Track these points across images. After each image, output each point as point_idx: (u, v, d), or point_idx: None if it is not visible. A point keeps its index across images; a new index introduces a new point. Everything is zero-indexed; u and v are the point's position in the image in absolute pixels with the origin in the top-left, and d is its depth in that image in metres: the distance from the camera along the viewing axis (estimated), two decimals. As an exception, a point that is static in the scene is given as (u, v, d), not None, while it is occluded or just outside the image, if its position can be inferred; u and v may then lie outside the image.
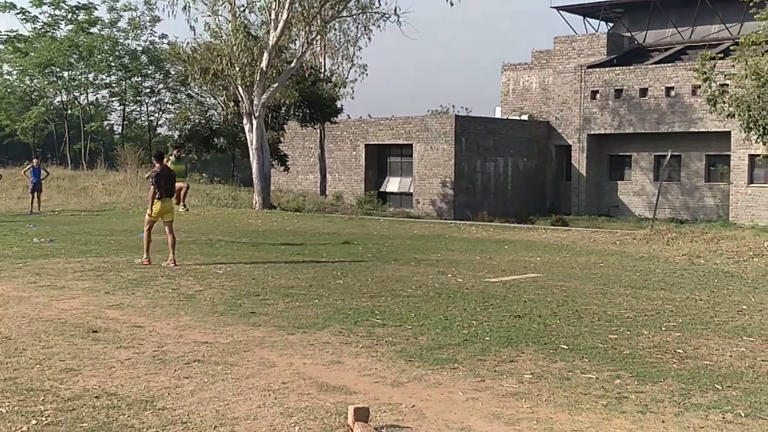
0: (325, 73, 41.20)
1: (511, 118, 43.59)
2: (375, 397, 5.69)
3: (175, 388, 5.88)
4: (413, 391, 5.89)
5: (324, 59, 42.14)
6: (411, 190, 40.75)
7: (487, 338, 7.60)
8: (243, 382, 6.06)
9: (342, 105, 40.28)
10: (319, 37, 33.73)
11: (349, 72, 44.43)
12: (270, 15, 28.88)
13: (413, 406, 5.52)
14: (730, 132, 33.76)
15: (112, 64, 49.37)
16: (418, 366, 6.56)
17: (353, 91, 44.48)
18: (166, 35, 61.23)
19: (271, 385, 5.99)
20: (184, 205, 17.95)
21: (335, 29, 41.37)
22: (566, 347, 7.27)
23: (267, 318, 8.48)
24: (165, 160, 16.91)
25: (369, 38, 41.17)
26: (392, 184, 42.18)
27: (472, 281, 11.48)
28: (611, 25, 46.62)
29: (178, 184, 16.44)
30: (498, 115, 45.22)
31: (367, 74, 43.89)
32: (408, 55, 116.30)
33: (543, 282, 11.58)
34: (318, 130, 41.50)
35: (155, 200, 12.98)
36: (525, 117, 43.63)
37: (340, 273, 12.05)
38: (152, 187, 13.14)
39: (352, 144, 42.89)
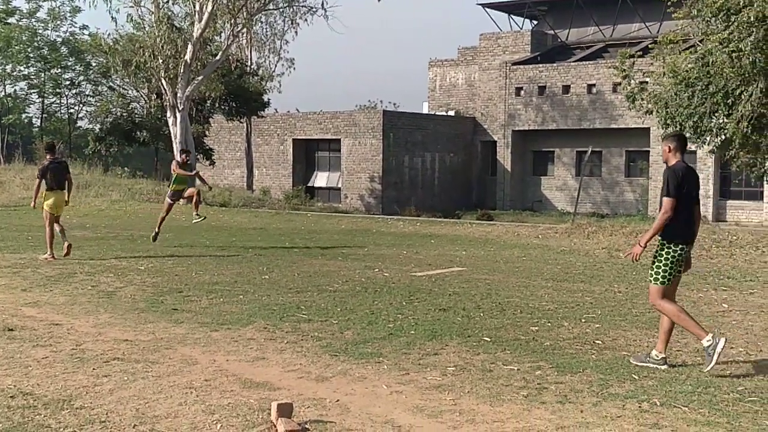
0: (252, 67, 40.83)
1: (438, 113, 43.97)
2: (299, 393, 5.66)
3: (94, 387, 5.74)
4: (338, 385, 5.88)
5: (250, 52, 41.74)
6: (339, 185, 40.72)
7: (412, 332, 7.65)
8: (164, 379, 5.96)
9: (269, 99, 40.06)
10: (245, 29, 33.40)
11: (276, 65, 44.12)
12: (194, 7, 28.43)
13: (337, 400, 5.52)
14: (649, 128, 34.75)
15: (31, 55, 47.89)
16: (343, 360, 6.56)
17: (280, 85, 44.25)
18: (87, 26, 59.88)
19: (192, 382, 5.90)
20: (198, 215, 15.13)
21: (262, 22, 41.04)
22: (489, 339, 7.37)
23: (190, 315, 8.35)
24: (174, 165, 15.04)
25: (296, 32, 41.22)
26: (320, 179, 42.07)
27: (399, 275, 11.55)
28: (535, 22, 47.43)
29: (188, 191, 15.21)
30: (425, 110, 45.56)
31: (294, 68, 43.73)
32: (336, 50, 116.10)
33: (468, 275, 11.73)
34: (244, 124, 41.09)
35: (46, 192, 12.71)
36: (452, 113, 44.07)
37: (266, 268, 11.96)
38: (37, 180, 12.89)
39: (280, 138, 42.61)
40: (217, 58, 30.41)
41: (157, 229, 15.00)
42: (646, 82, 18.14)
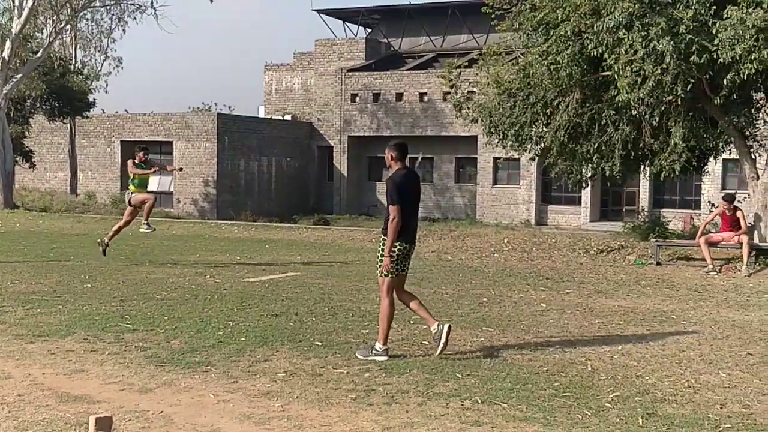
0: (76, 65, 39.03)
1: (274, 117, 43.74)
2: (120, 405, 5.45)
3: None
4: (162, 396, 5.71)
5: (75, 50, 39.91)
6: (171, 189, 39.60)
7: (243, 339, 7.55)
8: (-29, 397, 5.56)
9: (95, 99, 38.40)
10: (69, 26, 31.84)
11: (102, 65, 42.45)
12: (14, 1, 26.82)
13: (161, 412, 5.35)
14: (476, 136, 36.12)
15: None
16: (168, 371, 6.38)
17: (107, 85, 42.61)
18: None
19: (5, 398, 5.55)
20: (147, 224, 13.58)
21: (87, 19, 39.37)
22: (320, 344, 7.40)
23: (3, 327, 7.84)
24: (131, 164, 13.32)
25: (124, 30, 39.69)
26: (151, 183, 40.48)
27: (231, 282, 11.37)
28: (369, 30, 48.21)
29: (143, 196, 13.44)
30: (261, 114, 45.21)
31: (122, 68, 42.27)
32: (169, 51, 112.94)
33: (302, 280, 11.72)
34: (68, 125, 39.16)
35: None
36: (288, 117, 43.99)
37: (89, 276, 11.43)
38: None
39: (107, 140, 40.90)
40: (38, 55, 28.81)
41: (107, 240, 13.45)
42: (474, 92, 18.84)
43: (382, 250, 7.07)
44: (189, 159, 38.76)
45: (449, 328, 7.03)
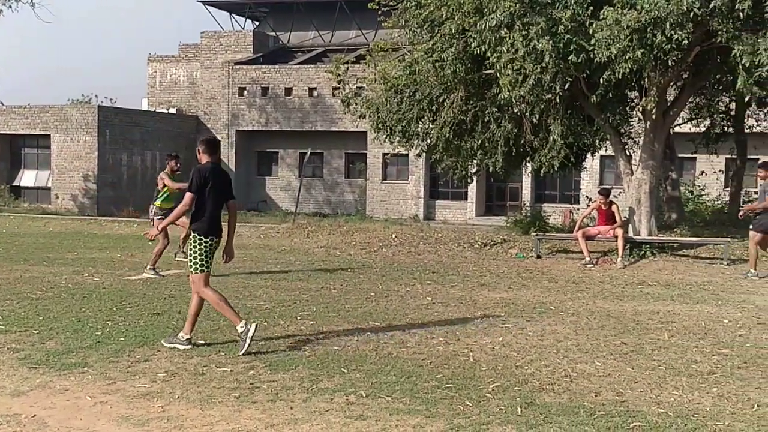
0: (-55, 53, 36.89)
1: (158, 111, 42.66)
2: (-10, 411, 5.20)
3: None
4: (36, 399, 5.48)
5: (-57, 37, 37.64)
6: (49, 185, 38.06)
7: (122, 339, 7.33)
8: None
9: (-34, 90, 36.45)
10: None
11: (-26, 54, 40.23)
12: None
13: (34, 415, 5.15)
14: (366, 132, 36.28)
15: None
16: (42, 373, 6.13)
17: (-20, 75, 40.40)
18: None
19: None
20: (184, 252, 12.25)
21: (-43, 5, 37.22)
22: (203, 342, 7.27)
23: None
24: (160, 178, 12.06)
25: (-2, 18, 37.69)
26: (27, 178, 39.04)
27: (111, 280, 11.04)
28: (257, 23, 47.66)
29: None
30: (145, 107, 44.00)
31: (-4, 57, 40.17)
32: (46, 40, 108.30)
33: (185, 278, 11.44)
34: (-64, 117, 37.00)
35: None
36: (173, 110, 42.98)
37: (-42, 276, 10.86)
38: None
39: (-21, 133, 38.91)
40: None
41: (152, 265, 11.79)
42: (362, 88, 18.89)
43: (193, 247, 7.07)
44: (68, 153, 37.32)
45: (256, 327, 6.92)
